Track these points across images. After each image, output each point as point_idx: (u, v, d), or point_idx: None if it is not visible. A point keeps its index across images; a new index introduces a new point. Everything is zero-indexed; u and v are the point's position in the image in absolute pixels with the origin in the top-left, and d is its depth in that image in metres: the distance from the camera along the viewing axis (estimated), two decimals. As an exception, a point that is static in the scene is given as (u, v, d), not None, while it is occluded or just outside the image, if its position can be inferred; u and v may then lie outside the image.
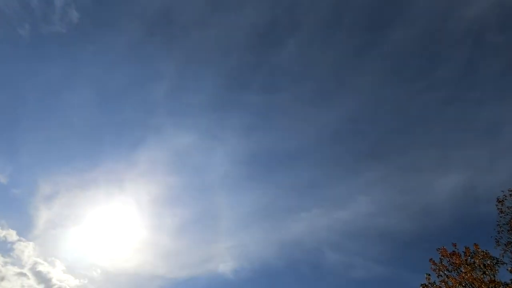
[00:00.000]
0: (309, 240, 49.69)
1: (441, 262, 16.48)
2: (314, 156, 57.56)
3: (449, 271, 16.02)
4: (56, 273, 42.20)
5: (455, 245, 16.57)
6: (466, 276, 15.06)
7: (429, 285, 16.23)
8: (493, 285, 14.31)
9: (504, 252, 14.83)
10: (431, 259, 16.93)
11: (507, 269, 14.50)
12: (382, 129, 56.64)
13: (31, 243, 43.21)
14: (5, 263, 40.66)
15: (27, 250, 42.73)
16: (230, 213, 52.60)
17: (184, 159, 55.36)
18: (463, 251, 16.16)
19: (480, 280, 14.68)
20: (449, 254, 16.41)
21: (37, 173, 49.09)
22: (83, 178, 50.33)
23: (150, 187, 51.93)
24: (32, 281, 40.57)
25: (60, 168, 50.56)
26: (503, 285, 14.22)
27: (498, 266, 14.83)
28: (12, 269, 40.53)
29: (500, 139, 47.73)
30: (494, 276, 14.62)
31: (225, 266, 46.13)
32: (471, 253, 15.82)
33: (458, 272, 15.67)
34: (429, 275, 16.46)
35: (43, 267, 41.94)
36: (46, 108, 51.15)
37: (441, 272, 16.22)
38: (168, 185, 53.06)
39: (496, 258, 14.99)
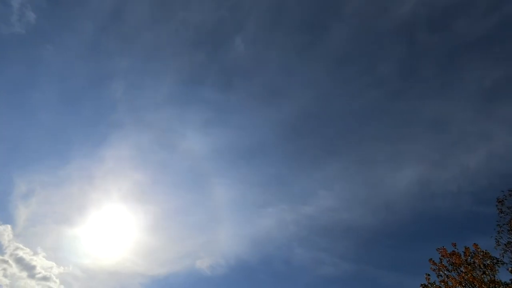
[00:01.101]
0: (279, 236, 50.78)
1: (441, 262, 16.43)
2: (274, 151, 59.41)
3: (449, 271, 15.98)
4: (39, 261, 41.69)
5: (455, 245, 16.55)
6: (466, 276, 15.03)
7: (429, 285, 16.19)
8: (493, 285, 14.29)
9: (504, 252, 14.79)
10: (430, 259, 16.88)
11: (507, 269, 14.48)
12: (334, 124, 58.44)
13: (8, 225, 42.56)
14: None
15: (6, 234, 42.17)
16: (199, 208, 53.50)
17: (148, 154, 56.06)
18: (463, 251, 16.13)
19: (480, 280, 14.66)
20: (449, 254, 16.37)
21: (11, 172, 48.96)
22: (56, 175, 50.49)
23: (120, 183, 52.46)
24: (14, 268, 39.94)
25: (33, 166, 50.66)
26: (503, 285, 14.20)
27: (498, 266, 14.80)
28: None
29: (448, 133, 48.88)
30: (494, 276, 14.60)
31: (201, 262, 46.74)
32: (471, 253, 15.79)
33: (458, 272, 15.63)
34: (429, 275, 16.43)
35: (24, 253, 41.30)
36: (13, 108, 51.47)
37: (441, 272, 16.17)
38: (136, 181, 53.63)
39: (496, 258, 14.96)
